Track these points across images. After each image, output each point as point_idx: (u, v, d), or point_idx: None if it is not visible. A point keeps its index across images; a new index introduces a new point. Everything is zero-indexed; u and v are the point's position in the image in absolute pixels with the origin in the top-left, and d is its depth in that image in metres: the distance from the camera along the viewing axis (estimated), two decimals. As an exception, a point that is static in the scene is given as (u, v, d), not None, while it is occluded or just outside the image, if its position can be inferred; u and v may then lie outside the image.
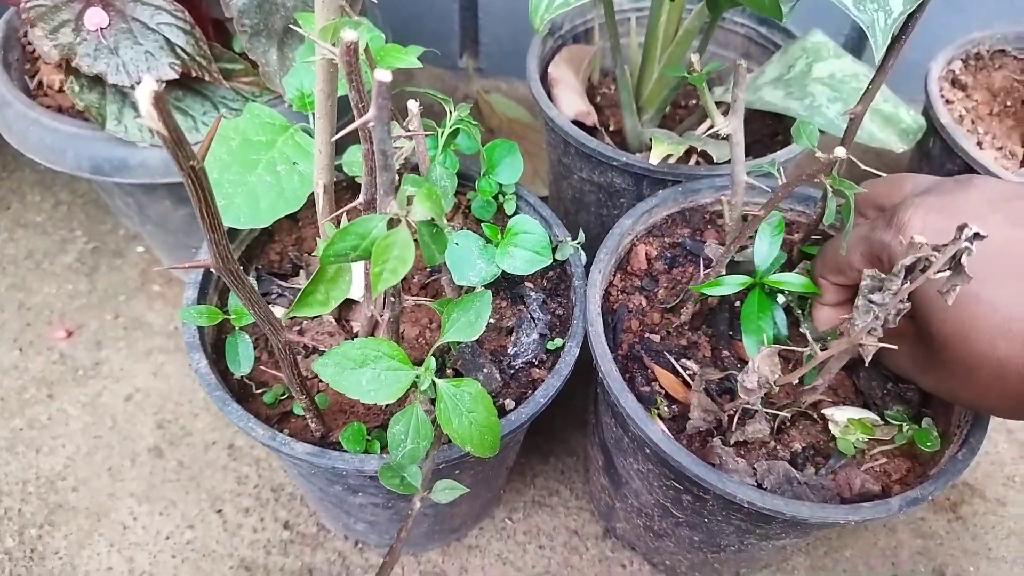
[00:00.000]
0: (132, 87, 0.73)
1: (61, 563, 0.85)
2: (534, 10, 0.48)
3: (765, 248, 0.65)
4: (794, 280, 0.64)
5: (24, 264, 1.13)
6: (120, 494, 0.91)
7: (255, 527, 0.88)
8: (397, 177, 0.49)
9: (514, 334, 0.69)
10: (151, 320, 1.06)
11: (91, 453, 0.94)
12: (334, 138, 0.44)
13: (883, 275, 0.47)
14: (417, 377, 0.52)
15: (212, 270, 0.45)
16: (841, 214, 0.54)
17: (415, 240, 0.44)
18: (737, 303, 0.71)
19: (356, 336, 0.72)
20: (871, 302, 0.48)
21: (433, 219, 0.45)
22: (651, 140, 0.77)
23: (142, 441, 0.95)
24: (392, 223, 0.45)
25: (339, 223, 0.60)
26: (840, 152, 0.46)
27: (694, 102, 1.02)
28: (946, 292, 0.45)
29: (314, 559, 0.86)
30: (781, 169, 0.58)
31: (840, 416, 0.64)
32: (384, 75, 0.39)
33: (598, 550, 0.88)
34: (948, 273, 0.45)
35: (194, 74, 0.74)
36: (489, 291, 0.56)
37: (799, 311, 0.69)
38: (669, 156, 0.78)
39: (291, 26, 0.75)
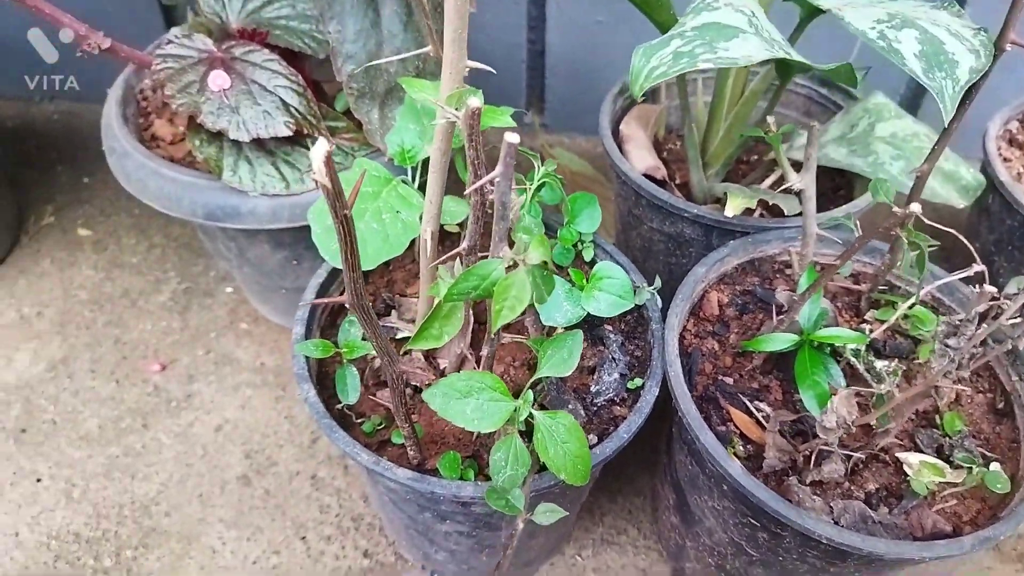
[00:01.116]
0: (249, 143, 0.81)
1: (155, 583, 0.91)
2: (635, 79, 0.53)
3: (807, 308, 0.68)
4: (843, 334, 0.67)
5: (120, 302, 1.21)
6: (210, 519, 0.96)
7: (337, 555, 0.93)
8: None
9: (596, 373, 0.73)
10: (239, 356, 1.13)
11: (183, 480, 1.00)
12: (467, 191, 0.50)
13: (958, 321, 0.51)
14: (516, 409, 0.57)
15: (347, 305, 0.51)
16: (916, 265, 0.58)
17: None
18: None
19: (443, 373, 0.77)
20: (947, 346, 0.52)
21: (545, 263, 0.51)
22: (725, 194, 0.82)
23: (231, 470, 1.01)
24: (508, 267, 0.51)
25: (452, 267, 0.65)
26: (916, 208, 0.51)
27: (756, 157, 1.07)
28: (1018, 338, 0.49)
29: (391, 588, 0.90)
30: (857, 223, 0.62)
31: (914, 459, 0.67)
32: (513, 138, 0.45)
33: (665, 589, 0.91)
34: (1019, 320, 0.48)
35: (305, 131, 0.82)
36: (580, 331, 0.61)
37: (854, 359, 0.71)
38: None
39: (393, 89, 0.82)
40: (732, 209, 0.80)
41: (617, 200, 1.05)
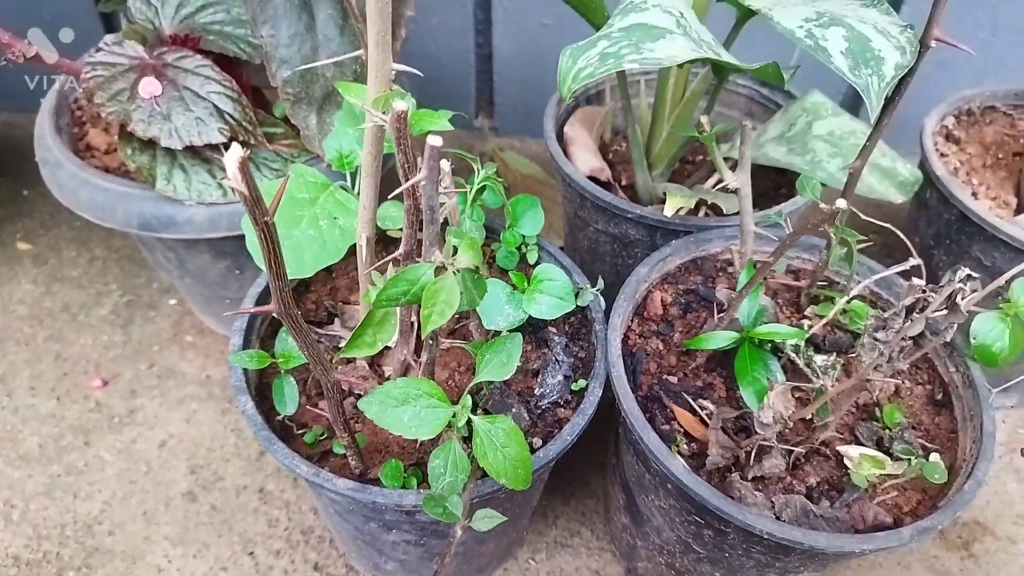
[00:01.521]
0: (183, 150, 0.79)
1: (98, 606, 0.88)
2: (563, 80, 0.53)
3: (746, 305, 0.69)
4: (781, 330, 0.67)
5: (61, 317, 1.17)
6: (155, 537, 0.94)
7: (286, 569, 0.91)
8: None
9: (540, 376, 0.73)
10: (184, 369, 1.11)
11: (126, 498, 0.97)
12: (392, 195, 0.49)
13: (886, 315, 0.52)
14: (454, 415, 0.56)
15: (274, 315, 0.49)
16: (845, 260, 0.59)
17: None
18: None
19: (387, 379, 0.76)
20: (876, 340, 0.52)
21: (475, 267, 0.50)
22: (664, 194, 0.82)
23: (176, 486, 0.98)
24: (438, 271, 0.50)
25: (384, 272, 0.64)
26: (842, 203, 0.51)
27: (701, 158, 1.08)
28: (944, 330, 0.49)
29: (343, 600, 0.89)
30: (787, 219, 0.63)
31: (853, 452, 0.68)
32: (436, 140, 0.44)
33: (619, 590, 0.91)
34: (945, 312, 0.49)
35: (240, 138, 0.80)
36: (519, 334, 0.60)
37: (794, 354, 0.72)
38: (681, 208, 0.83)
39: (331, 93, 0.81)
40: (670, 208, 0.80)
41: (563, 203, 1.05)
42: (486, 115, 1.48)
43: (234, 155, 0.38)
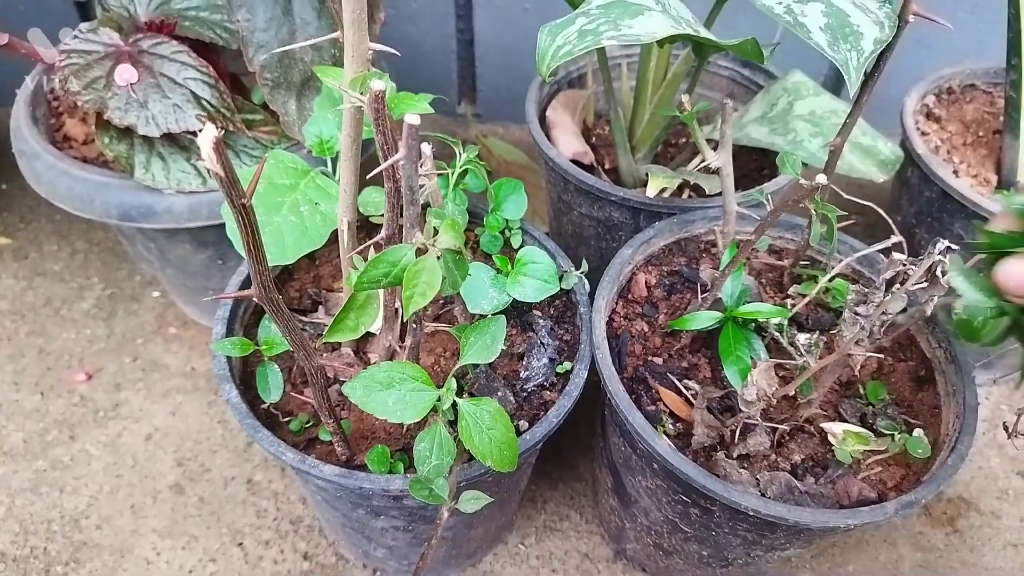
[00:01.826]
0: (161, 138, 0.78)
1: (86, 599, 0.87)
2: (541, 59, 0.53)
3: (729, 284, 0.69)
4: (763, 309, 0.68)
5: (43, 311, 1.16)
6: (143, 530, 0.93)
7: (275, 559, 0.91)
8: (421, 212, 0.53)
9: (525, 359, 0.73)
10: (168, 362, 1.10)
11: (113, 491, 0.97)
12: (370, 175, 0.48)
13: (866, 289, 0.52)
14: (439, 398, 0.56)
15: (255, 299, 0.49)
16: (826, 237, 0.59)
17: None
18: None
19: (374, 367, 0.76)
20: (857, 314, 0.52)
21: (456, 248, 0.50)
22: (647, 175, 0.82)
23: (163, 479, 0.98)
24: (419, 252, 0.50)
25: (367, 256, 0.64)
26: (821, 179, 0.51)
27: (684, 140, 1.08)
28: (924, 303, 0.49)
29: (333, 588, 0.89)
30: (770, 199, 0.63)
31: (837, 428, 0.68)
32: (413, 119, 0.44)
33: (609, 572, 0.91)
34: (925, 285, 0.49)
35: (219, 125, 0.79)
36: (503, 316, 0.60)
37: (778, 333, 0.72)
38: (664, 189, 0.83)
39: (309, 78, 0.80)
40: (653, 189, 0.80)
41: (547, 187, 1.04)
42: (468, 101, 1.48)
43: (208, 135, 0.37)
